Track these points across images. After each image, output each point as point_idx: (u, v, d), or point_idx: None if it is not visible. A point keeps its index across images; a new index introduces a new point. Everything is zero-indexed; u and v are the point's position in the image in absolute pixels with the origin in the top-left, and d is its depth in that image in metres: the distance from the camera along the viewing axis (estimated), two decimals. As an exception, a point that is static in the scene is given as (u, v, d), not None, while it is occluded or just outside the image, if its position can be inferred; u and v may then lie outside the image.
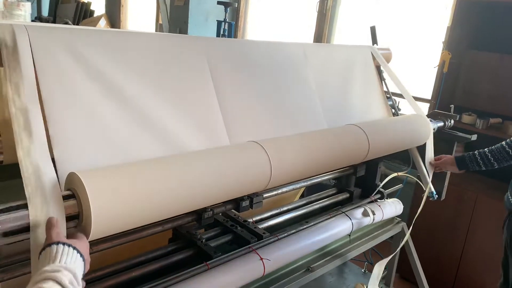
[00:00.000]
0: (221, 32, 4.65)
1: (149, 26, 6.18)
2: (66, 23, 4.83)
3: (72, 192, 0.86)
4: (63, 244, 0.76)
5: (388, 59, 2.21)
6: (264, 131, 1.42)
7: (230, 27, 4.69)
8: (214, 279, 1.26)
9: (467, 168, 1.96)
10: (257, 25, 5.13)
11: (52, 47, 0.99)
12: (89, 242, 0.88)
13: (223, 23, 4.65)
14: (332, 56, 1.88)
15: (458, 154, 2.06)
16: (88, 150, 0.99)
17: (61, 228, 0.81)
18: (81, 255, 0.78)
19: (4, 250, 1.10)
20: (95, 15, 7.04)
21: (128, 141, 1.08)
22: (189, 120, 1.24)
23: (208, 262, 1.30)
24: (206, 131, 1.27)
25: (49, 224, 0.79)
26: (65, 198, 0.85)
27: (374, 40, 2.20)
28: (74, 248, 0.77)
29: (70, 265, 0.74)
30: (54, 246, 0.75)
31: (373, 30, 2.21)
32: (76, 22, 6.78)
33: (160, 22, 5.75)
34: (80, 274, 0.75)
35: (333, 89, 1.81)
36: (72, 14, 6.92)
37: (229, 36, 4.68)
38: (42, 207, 0.80)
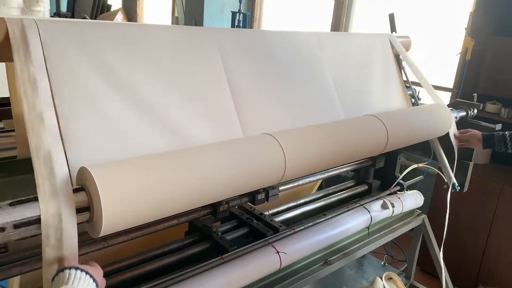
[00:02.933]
0: (236, 23, 4.61)
1: (165, 19, 6.20)
2: (84, 18, 4.89)
3: (82, 187, 0.86)
4: (76, 268, 0.77)
5: (407, 47, 2.14)
6: (278, 123, 1.40)
7: (245, 18, 4.64)
8: (230, 272, 1.25)
9: (492, 147, 1.85)
10: (273, 15, 5.07)
11: (62, 41, 0.98)
12: (104, 235, 0.88)
13: (237, 14, 4.61)
14: (349, 44, 1.83)
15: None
16: (100, 144, 0.98)
17: (71, 224, 0.81)
18: (94, 280, 0.79)
19: (23, 244, 1.12)
20: (112, 9, 7.11)
21: (140, 134, 1.07)
22: (201, 113, 1.22)
23: (224, 255, 1.29)
24: (219, 123, 1.25)
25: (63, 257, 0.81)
26: (75, 192, 0.85)
27: (393, 28, 2.14)
28: (87, 273, 0.78)
29: None
30: (67, 271, 0.77)
31: (391, 17, 2.15)
32: (94, 17, 6.86)
33: (176, 15, 5.75)
34: None
35: (350, 79, 1.76)
36: (89, 9, 7.00)
37: (244, 27, 4.64)
38: (53, 202, 0.80)
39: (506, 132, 1.83)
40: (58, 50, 0.97)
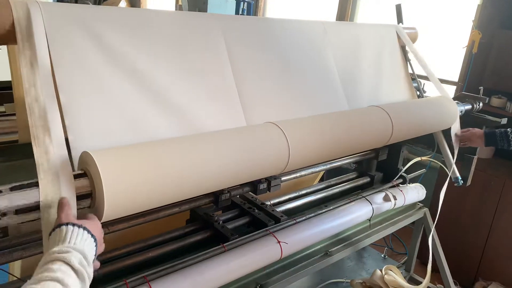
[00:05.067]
0: (240, 12, 4.57)
1: (169, 7, 6.14)
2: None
3: (84, 172, 0.85)
4: (73, 225, 0.74)
5: (414, 39, 2.12)
6: (282, 112, 1.38)
7: (249, 7, 4.59)
8: (231, 261, 1.25)
9: (495, 144, 1.84)
10: (278, 4, 5.01)
11: (66, 24, 0.97)
12: (106, 222, 0.88)
13: (242, 2, 4.56)
14: (355, 35, 1.80)
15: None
16: (102, 130, 0.97)
17: (72, 209, 0.80)
18: (92, 236, 0.76)
19: (24, 228, 1.12)
20: (115, -4, 7.04)
21: (143, 121, 1.06)
22: (205, 100, 1.21)
23: (225, 244, 1.29)
24: (222, 111, 1.24)
25: (60, 205, 0.78)
26: (77, 177, 0.84)
27: (400, 19, 2.11)
28: (85, 228, 0.76)
29: (80, 246, 0.72)
30: (64, 227, 0.74)
31: (398, 8, 2.12)
32: (98, 4, 6.80)
33: (180, 3, 5.69)
34: (91, 255, 0.74)
35: (355, 69, 1.74)
36: (93, -4, 6.94)
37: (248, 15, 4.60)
38: (53, 186, 0.79)
39: (508, 129, 1.81)
40: (61, 33, 0.96)
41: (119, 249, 1.23)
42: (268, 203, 1.60)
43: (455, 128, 1.92)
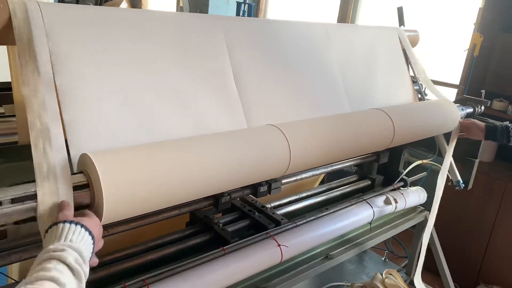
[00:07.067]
0: (241, 14, 4.57)
1: (170, 8, 6.14)
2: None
3: (84, 176, 0.84)
4: (70, 222, 0.72)
5: (415, 41, 2.11)
6: (283, 115, 1.37)
7: (250, 9, 4.60)
8: (231, 264, 1.24)
9: (494, 139, 1.81)
10: (279, 6, 5.01)
11: (65, 24, 0.96)
12: (105, 224, 0.87)
13: (242, 4, 4.57)
14: (356, 37, 1.80)
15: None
16: (102, 131, 0.97)
17: (71, 210, 0.79)
18: (90, 233, 0.74)
19: (23, 230, 1.11)
20: (116, -2, 7.04)
21: (143, 123, 1.05)
22: (205, 102, 1.20)
23: (224, 247, 1.28)
24: (223, 113, 1.23)
25: (60, 205, 0.77)
26: (76, 180, 0.83)
27: (401, 22, 2.10)
28: (82, 225, 0.73)
29: (76, 243, 0.70)
30: (60, 225, 0.72)
31: (400, 11, 2.11)
32: (99, 4, 6.80)
33: (181, 4, 5.69)
34: (88, 253, 0.72)
35: (357, 72, 1.74)
36: (94, -3, 6.94)
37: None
38: (50, 187, 0.78)
39: (510, 124, 1.79)
40: (62, 34, 0.95)
41: (118, 252, 1.22)
42: (269, 206, 1.59)
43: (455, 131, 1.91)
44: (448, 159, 1.91)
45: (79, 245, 0.71)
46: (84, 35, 0.99)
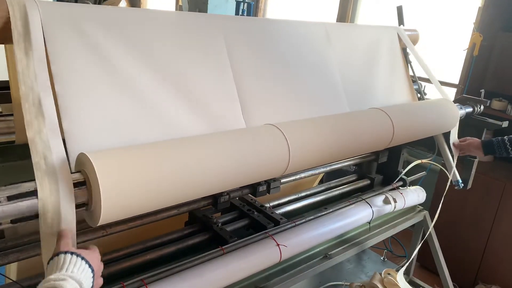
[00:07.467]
0: (240, 13, 4.56)
1: (169, 7, 6.13)
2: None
3: (82, 175, 0.84)
4: (72, 253, 0.74)
5: (415, 41, 2.11)
6: (282, 114, 1.37)
7: (249, 8, 4.58)
8: (230, 264, 1.24)
9: (493, 153, 1.85)
10: (278, 5, 5.01)
11: (63, 23, 0.95)
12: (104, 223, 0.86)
13: (242, 3, 4.56)
14: (356, 36, 1.79)
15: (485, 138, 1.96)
16: (99, 131, 0.96)
17: (70, 209, 0.79)
18: (90, 266, 0.76)
19: (20, 230, 1.11)
20: (116, -3, 7.02)
21: (142, 122, 1.04)
22: (204, 102, 1.19)
23: (223, 247, 1.28)
24: (222, 113, 1.22)
25: (60, 234, 0.79)
26: (75, 179, 0.83)
27: (401, 21, 2.09)
28: (83, 258, 0.76)
29: (77, 275, 0.72)
30: (62, 256, 0.74)
31: (399, 10, 2.11)
32: (98, 3, 6.79)
33: (180, 3, 5.68)
34: (87, 285, 0.74)
35: (356, 71, 1.73)
36: (93, -5, 6.92)
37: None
38: (50, 187, 0.78)
39: (505, 137, 1.81)
40: (59, 33, 0.94)
41: (117, 251, 1.22)
42: (268, 205, 1.59)
43: (454, 133, 1.91)
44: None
45: (80, 276, 0.73)
46: (82, 34, 0.99)
